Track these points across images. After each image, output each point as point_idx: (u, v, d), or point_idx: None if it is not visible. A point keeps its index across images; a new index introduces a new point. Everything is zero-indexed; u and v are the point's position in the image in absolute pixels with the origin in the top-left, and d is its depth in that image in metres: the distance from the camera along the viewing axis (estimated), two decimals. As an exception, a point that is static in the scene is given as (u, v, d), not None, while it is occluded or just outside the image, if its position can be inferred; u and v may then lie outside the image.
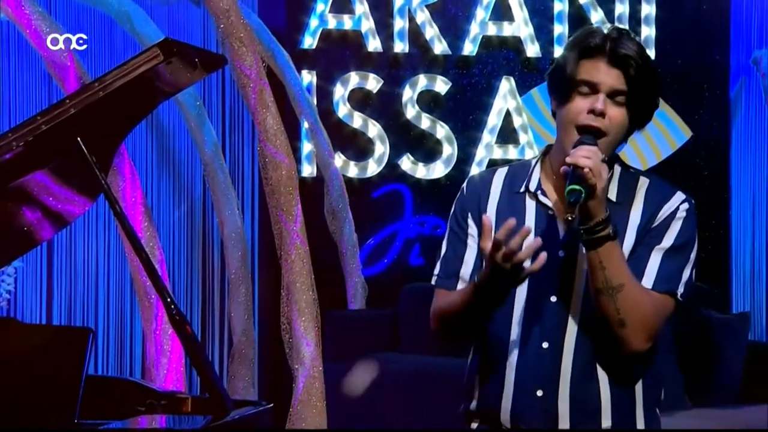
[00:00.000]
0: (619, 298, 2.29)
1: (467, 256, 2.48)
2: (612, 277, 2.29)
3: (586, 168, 2.26)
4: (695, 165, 6.36)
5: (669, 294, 2.35)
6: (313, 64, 5.97)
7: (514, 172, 2.52)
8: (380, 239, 6.10)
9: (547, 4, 6.20)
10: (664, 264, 2.36)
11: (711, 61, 6.40)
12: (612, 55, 2.36)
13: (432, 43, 6.08)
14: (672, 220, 2.39)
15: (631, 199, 2.42)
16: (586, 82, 2.36)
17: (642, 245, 2.37)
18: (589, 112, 2.35)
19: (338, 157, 5.92)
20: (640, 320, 2.30)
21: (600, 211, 2.29)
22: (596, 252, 2.29)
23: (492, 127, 6.15)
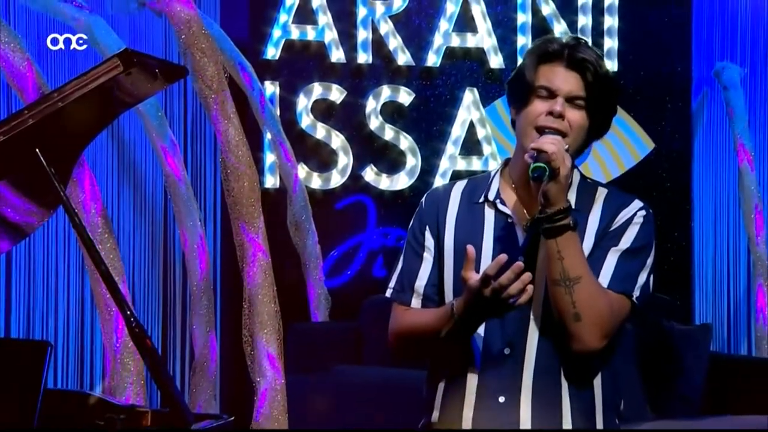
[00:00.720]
0: (575, 290, 2.30)
1: (422, 270, 2.49)
2: (570, 269, 2.31)
3: (550, 151, 2.29)
4: (658, 177, 6.40)
5: (624, 295, 2.38)
6: (275, 74, 5.97)
7: (474, 185, 2.55)
8: (343, 251, 6.10)
9: (510, 16, 6.24)
10: (620, 265, 2.39)
11: (673, 73, 6.46)
12: (570, 60, 2.40)
13: (395, 54, 6.09)
14: (629, 225, 2.43)
15: (589, 206, 2.45)
16: (544, 87, 2.40)
17: (598, 248, 2.40)
18: (548, 114, 2.38)
19: (301, 168, 5.91)
20: (596, 316, 2.31)
21: (561, 199, 2.32)
22: (555, 241, 2.31)
23: (456, 139, 6.17)
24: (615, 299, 2.36)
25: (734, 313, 6.58)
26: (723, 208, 6.60)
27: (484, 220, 2.46)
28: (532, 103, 2.41)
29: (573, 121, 2.39)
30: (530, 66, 2.43)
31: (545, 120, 2.38)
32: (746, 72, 6.47)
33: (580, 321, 2.31)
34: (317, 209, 5.82)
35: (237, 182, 4.62)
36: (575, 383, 2.40)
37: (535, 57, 2.44)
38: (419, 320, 2.45)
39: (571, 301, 2.30)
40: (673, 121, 6.44)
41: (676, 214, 6.44)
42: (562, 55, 2.41)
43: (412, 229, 2.55)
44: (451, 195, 2.54)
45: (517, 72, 2.48)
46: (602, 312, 2.32)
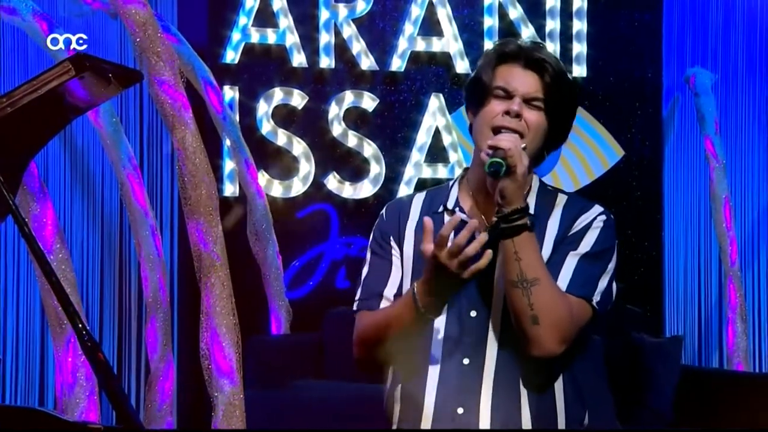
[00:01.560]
0: (533, 292, 2.32)
1: (392, 277, 2.52)
2: (527, 270, 2.32)
3: (506, 147, 2.31)
4: (627, 185, 6.45)
5: (585, 299, 2.39)
6: (235, 79, 5.96)
7: (433, 195, 2.58)
8: (305, 261, 6.10)
9: (476, 20, 6.26)
10: (579, 269, 2.41)
11: (643, 78, 6.50)
12: (527, 60, 2.42)
13: (359, 59, 6.10)
14: (588, 229, 2.45)
15: (548, 211, 2.48)
16: (501, 87, 2.42)
17: (558, 252, 2.42)
18: (504, 113, 2.40)
19: (261, 176, 5.91)
20: (554, 318, 2.32)
21: (518, 198, 2.33)
22: (512, 241, 2.33)
23: (421, 146, 6.18)
24: (574, 303, 2.37)
25: (705, 325, 6.62)
26: (694, 217, 6.65)
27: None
28: (488, 104, 2.43)
29: (530, 121, 2.42)
30: (487, 67, 2.46)
31: (502, 120, 2.40)
32: (718, 78, 6.53)
33: (538, 324, 2.32)
34: (278, 218, 5.82)
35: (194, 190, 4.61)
36: (536, 394, 2.42)
37: (492, 58, 2.47)
38: (382, 314, 2.46)
39: (528, 303, 2.32)
40: (643, 127, 6.49)
41: (646, 223, 6.48)
42: (519, 56, 2.44)
43: (375, 239, 2.57)
44: (411, 205, 2.57)
45: (474, 75, 2.50)
46: (561, 315, 2.33)
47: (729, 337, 6.06)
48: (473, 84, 2.49)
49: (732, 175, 6.50)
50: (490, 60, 2.47)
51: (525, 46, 2.46)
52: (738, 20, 6.69)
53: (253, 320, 5.54)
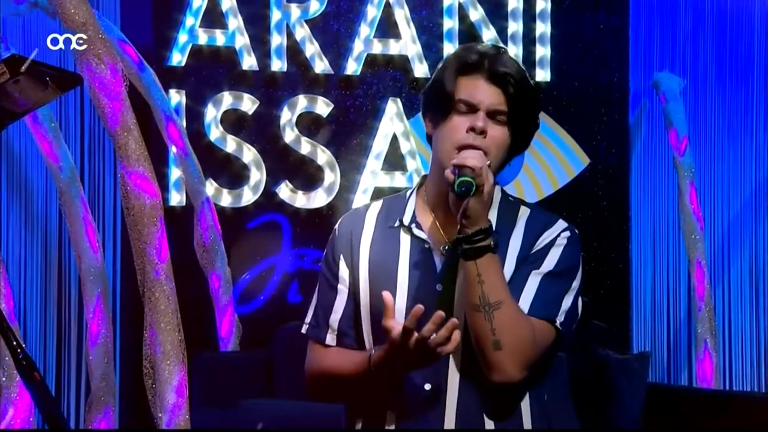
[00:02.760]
0: (496, 316, 2.33)
1: (337, 303, 2.53)
2: (490, 293, 2.33)
3: (473, 166, 2.32)
4: (593, 194, 6.49)
5: (548, 321, 2.41)
6: (181, 82, 5.95)
7: (389, 206, 2.57)
8: (256, 274, 6.09)
9: (436, 21, 6.29)
10: (542, 289, 2.42)
11: (609, 83, 6.55)
12: (491, 73, 2.43)
13: (312, 62, 6.11)
14: (551, 247, 2.46)
15: (511, 227, 2.49)
16: (464, 101, 2.43)
17: (520, 272, 2.43)
18: (468, 130, 2.41)
19: (210, 185, 5.89)
20: (517, 343, 2.34)
21: (483, 218, 2.34)
22: (475, 263, 2.34)
23: (378, 153, 6.20)
24: (537, 326, 2.38)
25: (674, 341, 6.67)
26: (662, 228, 6.69)
27: (399, 246, 2.49)
28: (451, 119, 2.44)
29: (495, 137, 2.43)
30: (449, 78, 2.46)
31: (466, 138, 2.41)
32: (686, 83, 6.59)
33: (501, 349, 2.33)
34: (227, 229, 5.80)
35: (138, 200, 4.61)
36: (501, 418, 2.43)
37: (454, 68, 2.47)
38: (335, 366, 2.48)
39: (490, 328, 2.33)
40: (609, 134, 6.53)
41: (612, 234, 6.52)
42: (482, 67, 2.44)
43: (326, 258, 2.58)
44: (365, 219, 2.57)
45: (434, 83, 2.50)
46: (524, 339, 2.35)
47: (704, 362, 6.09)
48: (433, 93, 2.49)
49: (701, 185, 6.56)
50: (452, 70, 2.47)
51: (488, 54, 2.46)
52: (707, 23, 6.76)
53: (200, 336, 5.53)
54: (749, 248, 6.76)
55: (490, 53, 2.46)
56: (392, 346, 2.30)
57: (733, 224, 6.76)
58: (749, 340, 6.76)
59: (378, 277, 2.46)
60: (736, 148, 6.79)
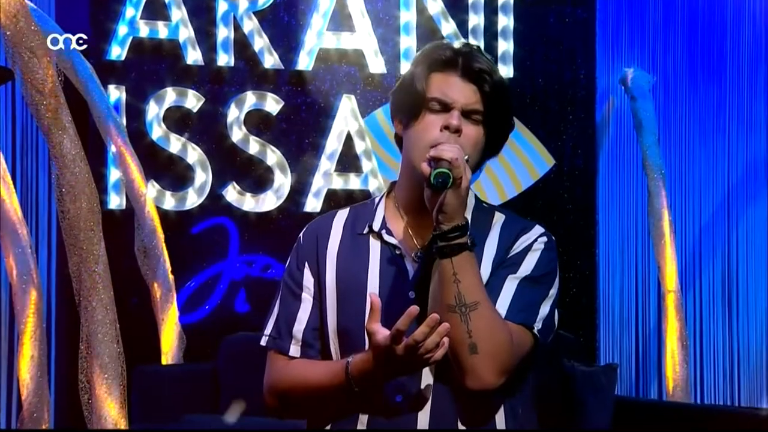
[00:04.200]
0: (472, 317, 2.33)
1: (301, 313, 2.53)
2: (466, 293, 2.33)
3: (450, 158, 2.32)
4: (558, 197, 6.51)
5: (525, 326, 2.42)
6: (121, 78, 5.93)
7: (357, 213, 2.59)
8: (201, 282, 6.07)
9: (392, 14, 6.29)
10: (520, 293, 2.43)
11: (575, 80, 6.57)
12: (465, 70, 2.44)
13: (261, 56, 6.10)
14: (528, 251, 2.48)
15: (486, 231, 2.50)
16: (438, 99, 2.44)
17: (496, 276, 2.44)
18: (443, 128, 2.42)
19: (151, 187, 5.88)
20: (494, 347, 2.34)
21: (459, 214, 2.35)
22: (450, 261, 2.34)
23: (331, 153, 6.19)
24: (515, 331, 2.39)
25: (643, 352, 6.71)
26: (630, 232, 6.73)
27: (369, 253, 2.50)
28: (423, 118, 2.45)
29: (470, 136, 2.44)
30: (421, 75, 2.47)
31: (440, 136, 2.42)
32: (656, 80, 6.62)
33: (477, 353, 2.33)
34: (170, 234, 5.79)
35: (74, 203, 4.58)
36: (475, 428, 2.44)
37: (426, 66, 2.48)
38: (304, 377, 2.48)
39: (467, 330, 2.33)
40: (575, 134, 6.56)
41: (578, 239, 6.55)
42: (456, 64, 2.45)
43: (289, 267, 2.58)
44: (332, 227, 2.58)
45: (404, 82, 2.52)
46: (501, 343, 2.35)
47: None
48: (403, 92, 2.50)
49: (672, 187, 6.60)
50: (424, 67, 2.48)
51: (462, 51, 2.48)
52: (679, 17, 6.80)
53: (141, 348, 5.51)
54: (722, 254, 6.81)
55: (463, 50, 2.48)
56: (376, 352, 2.29)
57: (705, 229, 6.80)
58: (722, 352, 6.81)
59: (346, 285, 2.47)
60: (709, 149, 6.83)
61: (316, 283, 2.53)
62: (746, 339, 6.82)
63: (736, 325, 6.82)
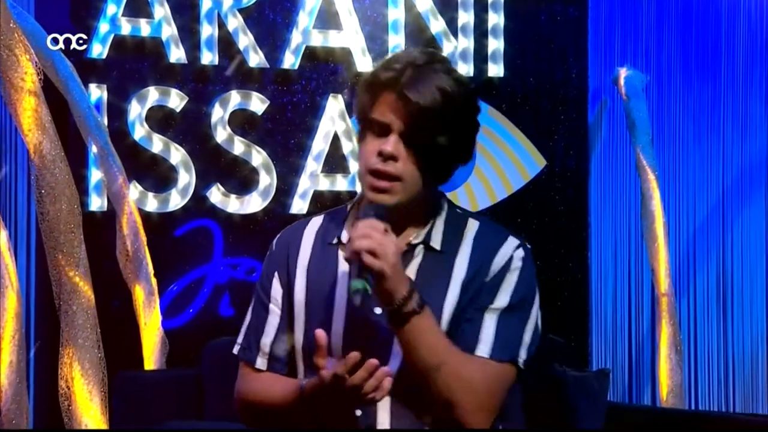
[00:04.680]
0: (440, 378, 2.34)
1: (268, 326, 2.54)
2: (427, 357, 2.34)
3: (364, 250, 2.29)
4: (550, 199, 6.51)
5: (509, 362, 2.41)
6: (103, 76, 5.91)
7: (329, 221, 2.58)
8: (184, 285, 6.06)
9: (380, 11, 6.29)
10: (501, 328, 2.41)
11: (567, 79, 6.57)
12: (403, 93, 2.38)
13: (246, 54, 6.09)
14: (506, 273, 2.45)
15: (456, 246, 2.47)
16: (376, 121, 2.41)
17: (473, 307, 2.42)
18: (378, 155, 2.39)
19: (134, 188, 5.86)
20: (472, 398, 2.35)
21: (399, 289, 2.33)
22: (404, 331, 2.34)
23: (317, 154, 6.19)
24: (495, 370, 2.38)
25: (636, 357, 6.72)
26: (623, 235, 6.74)
27: (337, 266, 2.49)
28: (366, 140, 2.43)
29: (406, 161, 2.39)
30: (363, 96, 2.45)
31: (376, 162, 2.39)
32: (650, 79, 6.63)
33: (457, 407, 2.35)
34: (153, 236, 5.77)
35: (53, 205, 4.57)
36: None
37: (368, 85, 2.45)
38: (264, 392, 2.51)
39: (438, 390, 2.34)
40: (567, 134, 6.56)
41: (570, 242, 6.55)
42: (397, 84, 2.39)
43: (261, 275, 2.59)
44: (303, 235, 2.57)
45: (356, 99, 2.50)
46: (479, 392, 2.35)
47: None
48: (354, 111, 2.51)
49: (665, 188, 6.60)
50: (366, 87, 2.46)
51: (406, 69, 2.40)
52: (672, 15, 6.81)
53: (123, 354, 5.49)
54: (717, 257, 6.82)
55: (408, 69, 2.40)
56: (323, 387, 2.30)
57: (699, 231, 6.81)
58: (716, 356, 6.82)
59: (315, 298, 2.47)
60: (703, 150, 6.84)
61: (286, 294, 2.53)
62: (741, 344, 6.83)
63: (731, 330, 6.83)
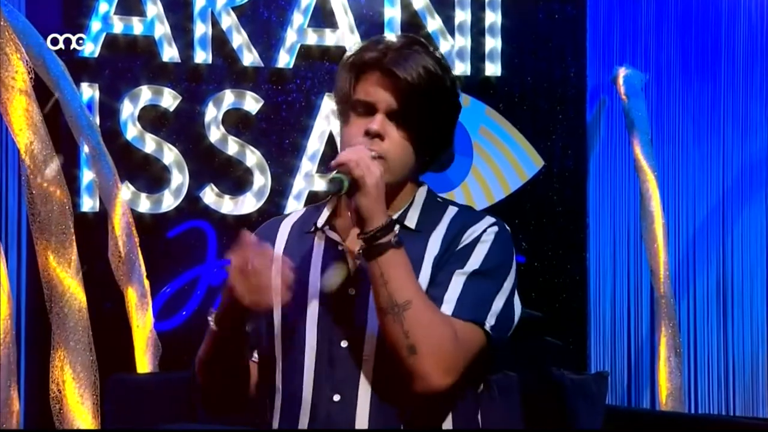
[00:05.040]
0: (406, 317, 2.32)
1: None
2: (396, 293, 2.33)
3: (346, 160, 2.33)
4: (548, 199, 6.52)
5: (475, 323, 2.41)
6: (95, 75, 5.92)
7: (307, 214, 2.63)
8: (177, 287, 6.06)
9: (376, 10, 6.30)
10: (468, 289, 2.42)
11: (565, 78, 6.58)
12: (388, 71, 2.43)
13: (240, 53, 6.10)
14: (477, 243, 2.47)
15: (431, 227, 2.51)
16: (361, 102, 2.45)
17: (442, 271, 2.44)
18: (365, 134, 2.43)
19: (126, 188, 5.87)
20: (434, 345, 2.33)
21: (377, 215, 2.35)
22: (377, 262, 2.34)
23: (312, 154, 6.19)
24: (461, 328, 2.37)
25: (635, 360, 6.72)
26: (622, 235, 6.73)
27: (312, 250, 2.52)
28: (350, 122, 2.47)
29: (395, 140, 2.45)
30: (346, 76, 2.48)
31: (362, 142, 2.42)
32: (649, 78, 6.63)
33: (416, 353, 2.32)
34: (145, 237, 5.76)
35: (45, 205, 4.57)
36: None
37: (351, 66, 2.48)
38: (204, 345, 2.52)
39: (402, 331, 2.32)
40: (565, 134, 6.56)
41: (568, 242, 6.56)
42: (381, 64, 2.44)
43: None
44: (280, 228, 2.62)
45: (337, 81, 2.52)
46: (442, 341, 2.33)
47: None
48: (335, 94, 2.53)
49: (665, 189, 6.60)
50: (349, 67, 2.48)
51: (389, 49, 2.46)
52: (672, 13, 6.81)
53: (115, 357, 5.49)
54: (716, 258, 6.82)
55: (391, 49, 2.45)
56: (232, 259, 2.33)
57: (699, 232, 6.81)
58: (716, 359, 6.82)
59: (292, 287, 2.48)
60: (703, 149, 6.84)
61: None
62: (741, 346, 6.83)
63: (732, 332, 6.83)
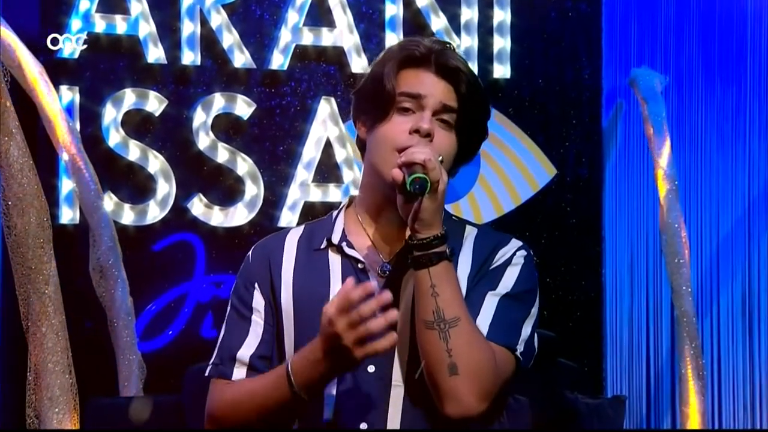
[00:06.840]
0: (452, 335, 2.33)
1: (249, 338, 2.54)
2: (446, 307, 2.33)
3: (422, 160, 2.32)
4: (561, 210, 6.52)
5: (508, 348, 2.41)
6: (75, 77, 5.92)
7: (312, 230, 2.61)
8: (163, 305, 6.06)
9: (376, 8, 6.30)
10: (501, 311, 2.44)
11: (579, 81, 6.58)
12: (440, 67, 2.44)
13: (231, 54, 6.10)
14: (507, 266, 2.49)
15: (458, 246, 2.50)
16: (408, 93, 2.43)
17: (474, 291, 2.44)
18: (412, 132, 2.42)
19: (108, 199, 5.86)
20: (476, 368, 2.34)
21: (436, 222, 2.36)
22: (428, 272, 2.34)
23: (308, 162, 6.19)
24: (497, 352, 2.39)
25: (655, 382, 6.71)
26: (640, 250, 6.73)
27: (329, 268, 2.50)
28: (390, 119, 2.45)
29: (442, 142, 2.45)
30: (390, 71, 2.47)
31: (409, 140, 2.42)
32: (669, 81, 6.63)
33: (457, 374, 2.32)
34: (129, 251, 5.77)
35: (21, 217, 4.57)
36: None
37: (396, 62, 2.48)
38: (244, 390, 2.48)
39: (446, 349, 2.33)
40: (579, 141, 6.56)
41: (582, 257, 6.55)
42: (429, 60, 2.46)
43: (236, 289, 2.59)
44: (285, 245, 2.59)
45: (372, 77, 2.51)
46: (483, 364, 2.35)
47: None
48: (370, 89, 2.51)
49: (686, 199, 6.60)
50: (394, 62, 2.48)
51: (436, 47, 2.48)
52: (693, 11, 6.81)
53: (96, 379, 5.49)
54: (742, 273, 6.81)
55: (437, 47, 2.48)
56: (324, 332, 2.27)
57: (723, 245, 6.81)
58: (741, 382, 6.81)
59: (305, 304, 2.47)
60: (727, 157, 6.84)
61: (269, 306, 2.53)
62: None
63: (758, 353, 6.82)
